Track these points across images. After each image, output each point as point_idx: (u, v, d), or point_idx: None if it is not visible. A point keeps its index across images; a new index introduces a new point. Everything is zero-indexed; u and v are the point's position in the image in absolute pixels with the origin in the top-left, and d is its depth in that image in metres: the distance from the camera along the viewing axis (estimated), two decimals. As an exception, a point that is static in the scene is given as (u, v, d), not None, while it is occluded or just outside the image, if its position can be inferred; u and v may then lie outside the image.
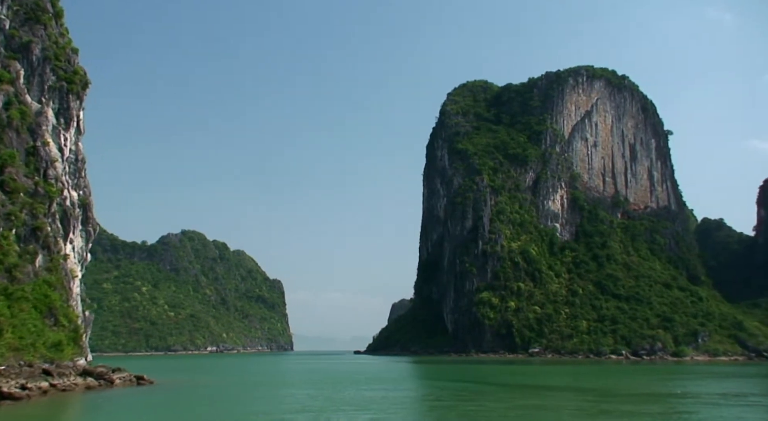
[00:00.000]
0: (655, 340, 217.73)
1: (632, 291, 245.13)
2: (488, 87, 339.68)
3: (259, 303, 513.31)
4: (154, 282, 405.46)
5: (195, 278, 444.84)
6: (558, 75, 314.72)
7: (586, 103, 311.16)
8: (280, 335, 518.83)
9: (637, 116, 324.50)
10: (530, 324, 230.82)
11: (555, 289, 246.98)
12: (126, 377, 71.68)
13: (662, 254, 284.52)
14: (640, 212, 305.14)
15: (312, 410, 44.93)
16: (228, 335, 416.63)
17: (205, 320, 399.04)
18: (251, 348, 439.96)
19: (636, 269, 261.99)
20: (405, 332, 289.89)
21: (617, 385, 79.54)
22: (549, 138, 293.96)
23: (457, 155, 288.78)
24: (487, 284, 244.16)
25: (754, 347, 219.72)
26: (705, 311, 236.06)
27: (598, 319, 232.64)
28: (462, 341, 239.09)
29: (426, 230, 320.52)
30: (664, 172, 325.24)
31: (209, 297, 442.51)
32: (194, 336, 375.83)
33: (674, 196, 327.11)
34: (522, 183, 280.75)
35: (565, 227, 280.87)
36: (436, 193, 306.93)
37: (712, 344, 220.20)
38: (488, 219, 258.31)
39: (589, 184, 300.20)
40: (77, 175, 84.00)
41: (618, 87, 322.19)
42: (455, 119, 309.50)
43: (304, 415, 42.53)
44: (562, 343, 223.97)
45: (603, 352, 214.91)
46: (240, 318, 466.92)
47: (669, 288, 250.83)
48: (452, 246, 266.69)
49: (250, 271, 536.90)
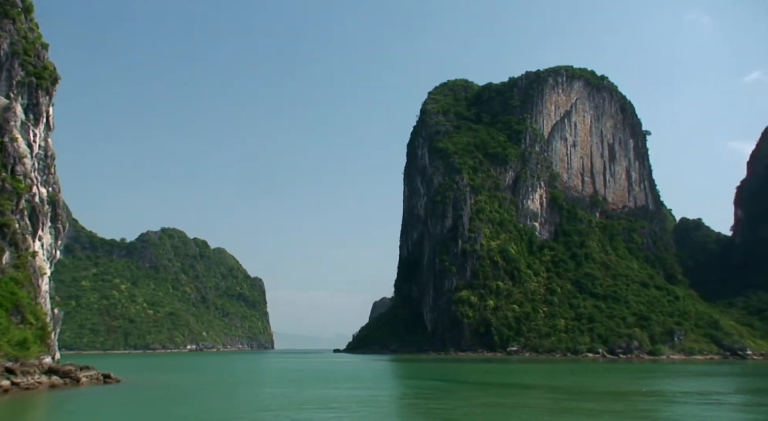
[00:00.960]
0: (631, 339, 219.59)
1: (610, 290, 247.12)
2: (469, 86, 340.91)
3: (240, 301, 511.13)
4: (133, 280, 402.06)
5: (175, 275, 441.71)
6: (538, 75, 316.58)
7: (566, 103, 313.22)
8: (261, 334, 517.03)
9: (615, 116, 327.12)
10: (509, 323, 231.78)
11: (533, 288, 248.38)
12: (93, 375, 70.96)
13: (640, 253, 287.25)
14: (618, 212, 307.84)
15: (272, 409, 44.77)
16: (208, 333, 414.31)
17: (185, 318, 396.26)
18: (231, 347, 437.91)
19: (614, 268, 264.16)
20: (384, 330, 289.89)
21: (587, 383, 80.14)
22: (529, 137, 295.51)
23: (437, 154, 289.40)
24: (466, 282, 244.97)
25: (730, 346, 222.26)
26: (681, 310, 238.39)
27: (575, 317, 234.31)
28: (441, 339, 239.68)
29: (406, 228, 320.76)
30: (642, 172, 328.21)
31: (189, 295, 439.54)
32: (173, 334, 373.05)
33: (652, 196, 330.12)
34: (502, 182, 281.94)
35: (544, 226, 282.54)
36: (417, 192, 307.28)
37: (688, 342, 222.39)
38: (468, 218, 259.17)
39: (568, 183, 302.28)
40: (46, 172, 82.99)
41: (597, 87, 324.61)
42: (436, 118, 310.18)
43: (263, 414, 42.37)
44: (540, 341, 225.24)
45: (580, 350, 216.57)
46: (220, 316, 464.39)
47: (646, 287, 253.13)
48: (432, 245, 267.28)
49: (230, 269, 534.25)
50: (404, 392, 63.61)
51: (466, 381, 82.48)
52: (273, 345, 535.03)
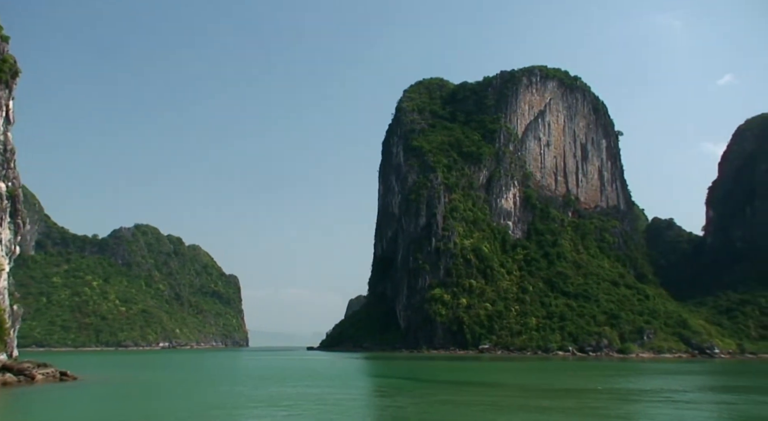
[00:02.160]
0: (601, 337, 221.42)
1: (581, 289, 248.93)
2: (444, 85, 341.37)
3: (215, 299, 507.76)
4: (105, 277, 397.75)
5: (148, 272, 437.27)
6: (512, 74, 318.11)
7: (540, 102, 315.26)
8: (236, 331, 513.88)
9: (588, 117, 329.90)
10: (481, 321, 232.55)
11: (506, 286, 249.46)
12: (50, 373, 70.26)
13: (611, 252, 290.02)
14: (591, 211, 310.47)
15: (223, 408, 44.65)
16: (181, 330, 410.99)
17: (158, 315, 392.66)
18: (205, 344, 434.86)
19: (585, 266, 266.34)
20: (358, 328, 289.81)
21: (547, 381, 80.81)
22: (503, 137, 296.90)
23: (412, 152, 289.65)
24: (439, 281, 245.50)
25: (698, 345, 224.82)
26: (651, 308, 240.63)
27: (547, 316, 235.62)
28: (414, 337, 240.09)
29: (381, 226, 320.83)
30: (614, 172, 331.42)
31: (162, 292, 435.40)
32: (146, 332, 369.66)
33: (623, 196, 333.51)
34: (476, 181, 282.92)
35: (518, 225, 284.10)
36: (392, 190, 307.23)
37: (657, 341, 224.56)
38: (442, 216, 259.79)
39: (542, 183, 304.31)
40: (5, 166, 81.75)
41: (570, 87, 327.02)
42: (411, 116, 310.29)
43: (213, 412, 42.22)
44: (511, 339, 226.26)
45: (551, 348, 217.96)
46: (194, 314, 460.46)
47: (616, 286, 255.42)
48: (406, 243, 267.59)
49: (205, 266, 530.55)
50: (362, 390, 63.69)
51: (429, 379, 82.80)
52: (248, 343, 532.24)
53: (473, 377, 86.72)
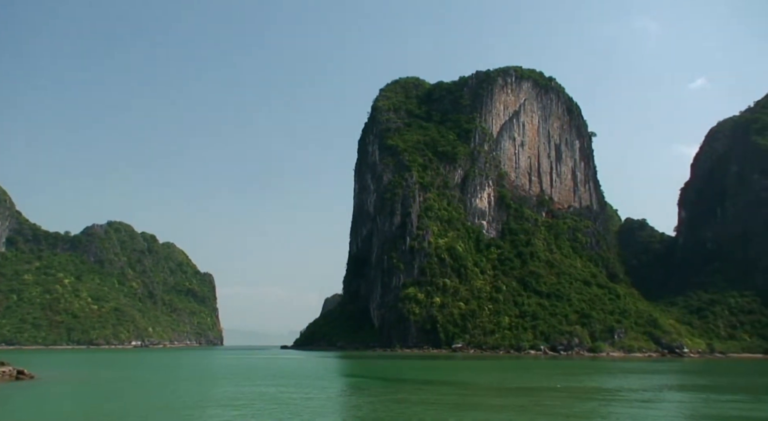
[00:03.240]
0: (572, 336, 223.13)
1: (553, 288, 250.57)
2: (420, 84, 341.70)
3: (189, 297, 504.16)
4: (77, 274, 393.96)
5: (121, 270, 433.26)
6: (488, 74, 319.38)
7: (514, 103, 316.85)
8: (210, 330, 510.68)
9: (562, 117, 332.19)
10: (454, 320, 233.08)
11: (480, 285, 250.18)
12: (6, 371, 69.27)
13: (583, 252, 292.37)
14: (564, 211, 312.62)
15: (173, 408, 44.28)
16: (154, 329, 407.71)
17: (130, 313, 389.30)
18: (179, 343, 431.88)
19: (558, 266, 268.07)
20: (332, 327, 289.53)
21: (510, 380, 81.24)
22: (478, 136, 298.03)
23: (387, 151, 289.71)
24: (413, 279, 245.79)
25: (668, 344, 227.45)
26: (622, 308, 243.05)
27: (519, 315, 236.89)
28: (387, 336, 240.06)
29: (356, 225, 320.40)
30: (587, 172, 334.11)
31: (135, 290, 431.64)
32: (118, 330, 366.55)
33: (596, 196, 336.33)
34: (450, 180, 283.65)
35: (492, 224, 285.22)
36: (367, 189, 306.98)
37: (627, 340, 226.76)
38: (416, 215, 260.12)
39: (516, 182, 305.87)
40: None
41: (545, 88, 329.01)
42: (387, 115, 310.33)
43: (160, 412, 41.83)
44: (484, 338, 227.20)
45: (523, 347, 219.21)
46: (168, 312, 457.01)
47: (588, 285, 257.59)
48: (380, 242, 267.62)
49: (180, 264, 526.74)
50: (322, 389, 63.40)
51: (394, 378, 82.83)
52: (222, 341, 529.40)
53: (438, 376, 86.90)
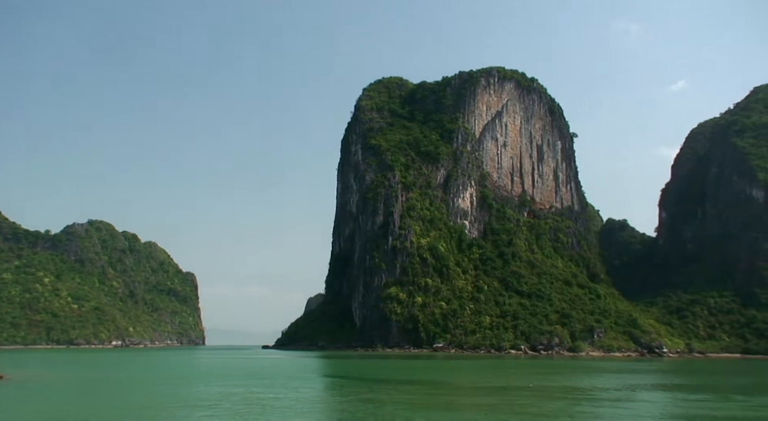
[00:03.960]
0: (552, 335, 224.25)
1: (535, 288, 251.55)
2: (403, 84, 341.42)
3: (171, 296, 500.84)
4: (57, 273, 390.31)
5: (101, 269, 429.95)
6: (471, 75, 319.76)
7: (497, 103, 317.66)
8: (192, 330, 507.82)
9: (544, 118, 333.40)
10: (436, 319, 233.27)
11: (461, 285, 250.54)
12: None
13: (565, 252, 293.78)
14: (546, 212, 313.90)
15: (139, 408, 43.88)
16: (135, 329, 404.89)
17: (111, 313, 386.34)
18: (160, 342, 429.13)
19: (539, 266, 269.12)
20: (314, 326, 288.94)
21: (484, 379, 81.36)
22: (460, 137, 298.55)
23: (370, 151, 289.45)
24: (395, 279, 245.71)
25: (647, 344, 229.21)
26: (602, 308, 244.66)
27: (500, 315, 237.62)
28: (369, 336, 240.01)
29: (339, 225, 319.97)
30: (569, 173, 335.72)
31: (116, 290, 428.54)
32: (98, 330, 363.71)
33: (578, 197, 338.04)
34: (433, 180, 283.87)
35: (474, 224, 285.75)
36: (350, 189, 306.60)
37: (607, 339, 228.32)
38: (399, 215, 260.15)
39: (498, 183, 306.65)
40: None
41: (527, 89, 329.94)
42: (370, 115, 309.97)
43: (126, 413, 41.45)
44: (465, 338, 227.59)
45: (504, 347, 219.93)
46: (149, 312, 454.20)
47: (569, 285, 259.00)
48: (363, 241, 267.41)
49: (161, 263, 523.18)
50: (292, 389, 63.04)
51: (369, 378, 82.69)
52: (204, 341, 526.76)
53: (414, 376, 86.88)
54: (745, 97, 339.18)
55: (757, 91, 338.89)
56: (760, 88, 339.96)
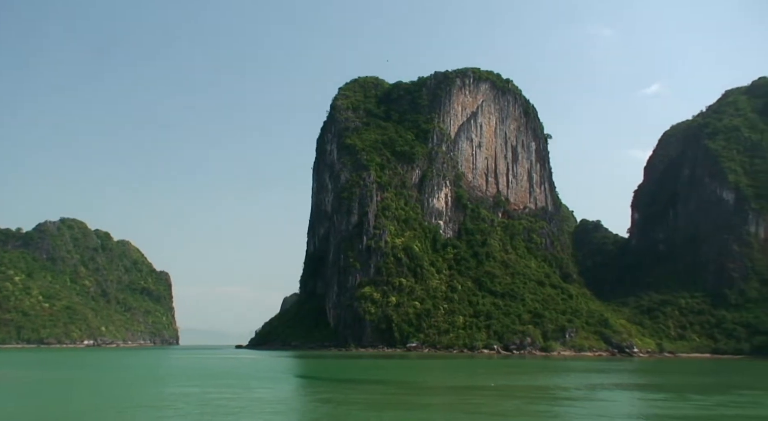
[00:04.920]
0: (525, 335, 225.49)
1: (508, 288, 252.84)
2: (379, 84, 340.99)
3: (144, 296, 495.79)
4: (28, 271, 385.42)
5: (73, 268, 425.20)
6: (446, 75, 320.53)
7: (472, 104, 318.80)
8: (165, 329, 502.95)
9: (519, 119, 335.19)
10: (410, 319, 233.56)
11: (435, 285, 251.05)
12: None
13: (538, 252, 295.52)
14: (520, 212, 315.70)
15: (89, 411, 43.13)
16: (107, 328, 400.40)
17: (83, 312, 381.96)
18: (133, 342, 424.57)
19: (513, 266, 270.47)
20: (287, 326, 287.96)
21: (448, 379, 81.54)
22: (436, 137, 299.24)
23: (345, 150, 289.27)
24: (369, 279, 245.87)
25: (618, 344, 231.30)
26: (574, 308, 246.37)
27: (474, 314, 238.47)
28: (343, 335, 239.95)
29: (314, 224, 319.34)
30: (543, 174, 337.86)
31: (88, 289, 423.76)
32: (70, 329, 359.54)
33: (551, 198, 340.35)
34: (408, 180, 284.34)
35: (449, 224, 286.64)
36: (325, 188, 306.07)
37: (578, 339, 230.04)
38: (373, 215, 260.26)
39: (473, 183, 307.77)
40: None
41: (502, 90, 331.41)
42: (345, 114, 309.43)
43: (73, 415, 40.71)
44: (438, 338, 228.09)
45: (476, 347, 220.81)
46: (122, 311, 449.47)
47: (542, 285, 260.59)
48: (337, 241, 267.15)
49: (135, 262, 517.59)
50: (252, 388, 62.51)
51: (333, 378, 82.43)
52: (178, 341, 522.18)
53: (380, 376, 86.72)
54: (717, 100, 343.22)
55: (728, 94, 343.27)
56: (732, 91, 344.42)
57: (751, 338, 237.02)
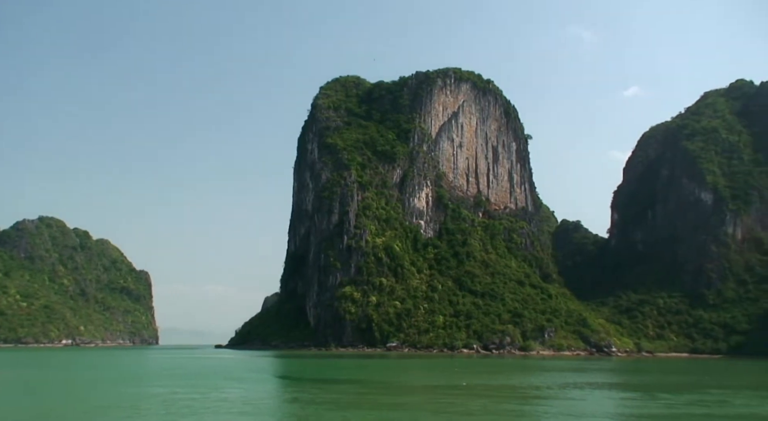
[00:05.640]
0: (504, 335, 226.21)
1: (488, 287, 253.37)
2: (360, 83, 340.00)
3: (123, 295, 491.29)
4: (5, 270, 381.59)
5: (52, 267, 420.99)
6: (427, 75, 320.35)
7: (453, 104, 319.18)
8: (145, 329, 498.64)
9: (500, 119, 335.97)
10: (390, 319, 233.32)
11: (416, 284, 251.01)
12: None
13: (518, 252, 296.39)
14: (500, 212, 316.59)
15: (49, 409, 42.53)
16: (86, 327, 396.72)
17: (61, 311, 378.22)
18: (112, 342, 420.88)
19: (493, 266, 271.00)
20: (267, 325, 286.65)
21: (420, 378, 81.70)
22: (417, 137, 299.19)
23: (326, 150, 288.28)
24: (350, 278, 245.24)
25: (596, 343, 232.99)
26: (553, 307, 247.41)
27: (454, 314, 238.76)
28: (323, 335, 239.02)
29: (294, 223, 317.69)
30: (523, 174, 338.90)
31: (67, 288, 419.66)
32: (48, 328, 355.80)
33: (531, 198, 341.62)
34: (389, 180, 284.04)
35: (429, 224, 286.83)
36: (306, 187, 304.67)
37: (557, 339, 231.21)
38: (354, 214, 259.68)
39: (454, 183, 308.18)
40: None
41: (483, 90, 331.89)
42: (326, 113, 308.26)
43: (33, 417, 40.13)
44: (418, 337, 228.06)
45: (456, 346, 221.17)
46: (100, 310, 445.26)
47: (522, 285, 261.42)
48: (318, 240, 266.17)
49: (114, 261, 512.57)
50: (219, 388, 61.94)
51: (307, 377, 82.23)
52: (158, 341, 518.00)
53: (354, 375, 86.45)
54: (696, 102, 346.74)
55: (707, 96, 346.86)
56: (710, 93, 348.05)
57: (728, 338, 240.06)
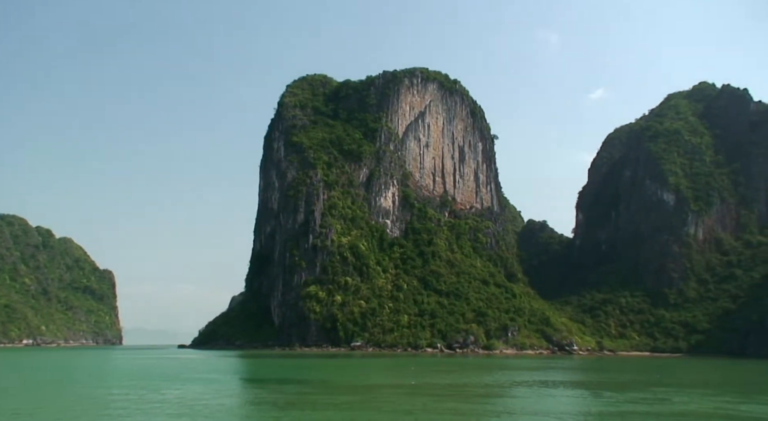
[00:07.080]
0: (468, 334, 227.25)
1: (453, 287, 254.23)
2: (327, 82, 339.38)
3: (87, 294, 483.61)
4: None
5: (12, 266, 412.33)
6: (394, 75, 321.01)
7: (420, 104, 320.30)
8: (108, 329, 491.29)
9: (466, 120, 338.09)
10: (355, 318, 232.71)
11: (381, 284, 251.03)
12: None
13: (483, 252, 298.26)
14: (466, 212, 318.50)
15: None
16: (47, 327, 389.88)
17: (22, 311, 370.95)
18: (74, 342, 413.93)
19: (458, 265, 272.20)
20: (232, 325, 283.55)
21: (369, 377, 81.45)
22: (383, 136, 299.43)
23: (292, 148, 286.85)
24: (315, 278, 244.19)
25: (558, 342, 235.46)
26: (517, 306, 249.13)
27: (418, 313, 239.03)
28: (287, 335, 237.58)
29: (260, 222, 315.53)
30: (489, 174, 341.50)
31: (28, 287, 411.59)
32: (8, 328, 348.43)
33: (497, 198, 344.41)
34: (355, 179, 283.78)
35: (396, 223, 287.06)
36: (271, 186, 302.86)
37: (520, 338, 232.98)
38: (320, 213, 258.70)
39: (420, 183, 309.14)
40: None
41: (450, 90, 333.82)
42: (293, 112, 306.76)
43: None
44: (383, 337, 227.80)
45: (420, 345, 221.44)
46: (63, 310, 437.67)
47: (486, 285, 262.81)
48: (283, 239, 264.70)
49: (77, 260, 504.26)
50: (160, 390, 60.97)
51: (256, 378, 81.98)
52: (121, 341, 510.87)
53: (303, 375, 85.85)
54: (659, 104, 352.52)
55: (670, 98, 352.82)
56: (673, 95, 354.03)
57: (688, 337, 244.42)
